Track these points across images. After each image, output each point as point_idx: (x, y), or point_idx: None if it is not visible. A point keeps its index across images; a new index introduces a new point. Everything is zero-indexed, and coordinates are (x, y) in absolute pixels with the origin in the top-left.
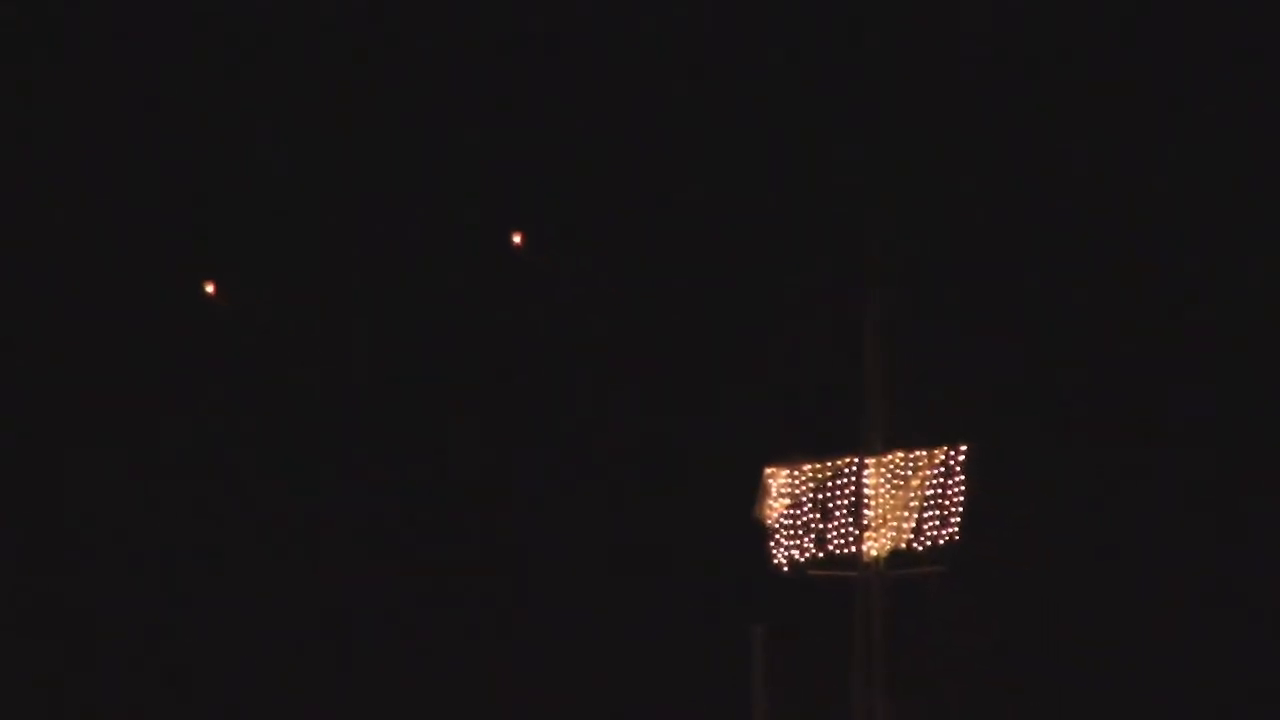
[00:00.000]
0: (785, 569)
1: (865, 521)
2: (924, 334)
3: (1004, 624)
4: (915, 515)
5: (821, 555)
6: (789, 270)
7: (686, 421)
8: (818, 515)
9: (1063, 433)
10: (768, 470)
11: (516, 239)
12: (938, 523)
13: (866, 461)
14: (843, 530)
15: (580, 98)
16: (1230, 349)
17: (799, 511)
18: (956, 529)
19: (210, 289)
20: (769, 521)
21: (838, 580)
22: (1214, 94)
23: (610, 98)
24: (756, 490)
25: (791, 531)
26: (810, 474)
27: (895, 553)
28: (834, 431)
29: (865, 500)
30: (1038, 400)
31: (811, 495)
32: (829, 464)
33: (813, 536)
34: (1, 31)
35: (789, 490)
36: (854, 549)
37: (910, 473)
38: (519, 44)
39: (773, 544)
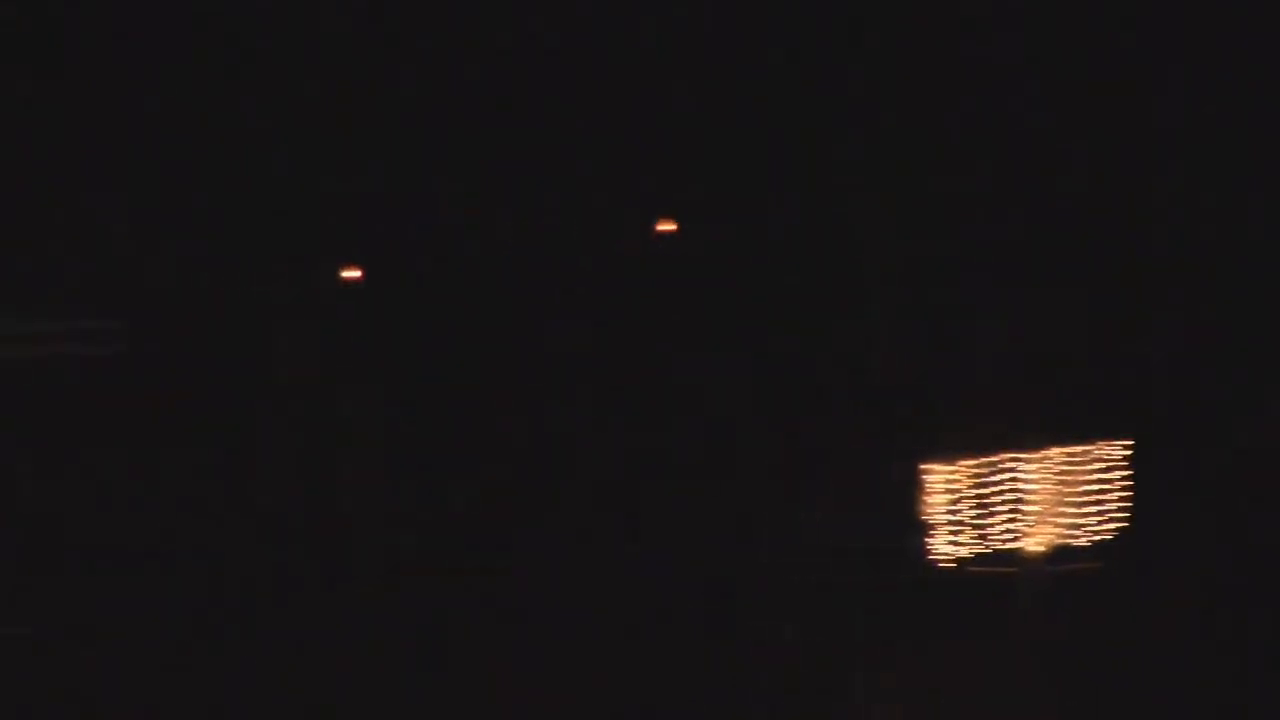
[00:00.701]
0: (945, 565)
1: (1025, 517)
2: (1081, 326)
3: (1162, 621)
4: (1075, 511)
5: (982, 551)
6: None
7: (844, 417)
8: (978, 511)
9: (1222, 428)
10: (925, 466)
11: (665, 227)
12: (1098, 519)
13: (1026, 457)
14: (1003, 526)
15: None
16: None
17: (958, 507)
18: (1117, 525)
19: (352, 274)
20: (928, 518)
21: (997, 576)
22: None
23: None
24: (915, 486)
25: (951, 528)
26: (969, 470)
27: (1055, 549)
28: (996, 426)
29: (1025, 496)
30: (1197, 394)
31: (971, 491)
32: (987, 459)
33: (973, 532)
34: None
35: (948, 486)
36: (1014, 545)
37: (1070, 468)
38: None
39: (932, 540)
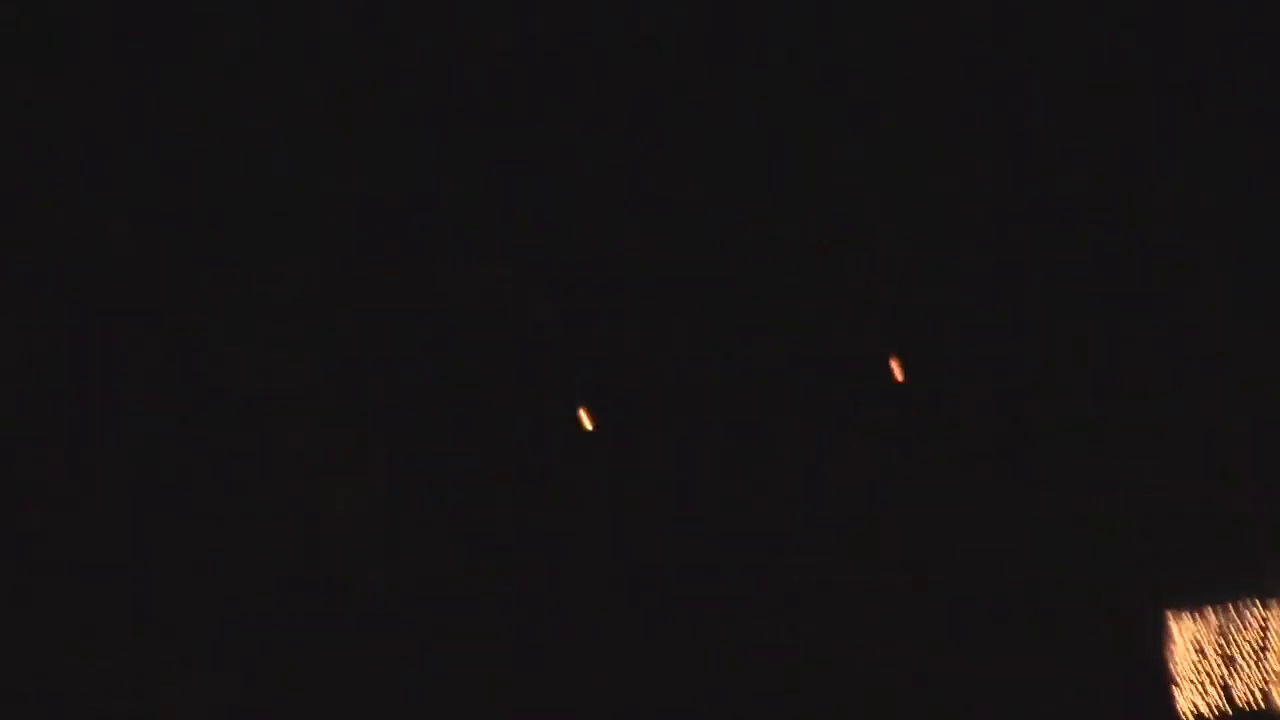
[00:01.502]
0: None
1: (1271, 669)
2: None
3: None
4: None
5: (1228, 708)
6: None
7: (1080, 557)
8: (1222, 663)
9: None
10: (1169, 613)
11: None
12: None
13: (1270, 604)
14: (1248, 679)
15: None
16: None
17: (1201, 659)
18: None
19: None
20: (1172, 669)
21: None
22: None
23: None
24: (1160, 635)
25: (1194, 681)
26: (1212, 618)
27: None
28: (1237, 572)
29: (1272, 645)
30: None
31: (1215, 640)
32: (1231, 607)
33: (1218, 686)
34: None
35: (1191, 636)
36: (1262, 700)
37: None
38: None
39: (1176, 693)
